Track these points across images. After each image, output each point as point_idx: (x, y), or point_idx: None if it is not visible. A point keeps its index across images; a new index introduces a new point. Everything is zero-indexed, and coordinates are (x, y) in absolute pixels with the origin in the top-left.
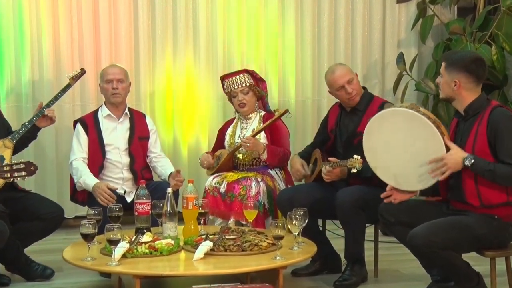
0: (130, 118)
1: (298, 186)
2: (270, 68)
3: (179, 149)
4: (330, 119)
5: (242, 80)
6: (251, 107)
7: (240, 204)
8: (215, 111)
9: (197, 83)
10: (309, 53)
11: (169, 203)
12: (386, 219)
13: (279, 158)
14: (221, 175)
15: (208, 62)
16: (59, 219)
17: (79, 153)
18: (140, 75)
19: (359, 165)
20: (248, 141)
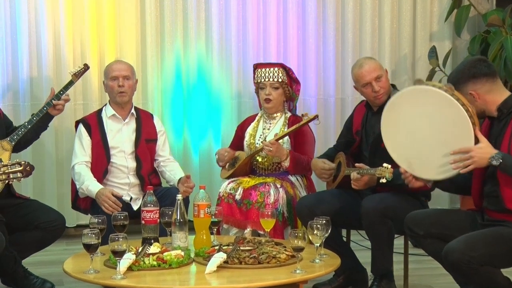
0: (136, 118)
1: (319, 193)
2: (289, 63)
3: (190, 152)
4: (355, 120)
5: (275, 74)
6: (276, 105)
7: (257, 212)
8: (229, 110)
9: (210, 80)
10: (331, 47)
11: (178, 211)
12: (415, 232)
13: (301, 167)
14: (236, 180)
15: (221, 57)
16: (60, 228)
17: (81, 157)
18: (147, 71)
19: (389, 175)
20: (271, 146)
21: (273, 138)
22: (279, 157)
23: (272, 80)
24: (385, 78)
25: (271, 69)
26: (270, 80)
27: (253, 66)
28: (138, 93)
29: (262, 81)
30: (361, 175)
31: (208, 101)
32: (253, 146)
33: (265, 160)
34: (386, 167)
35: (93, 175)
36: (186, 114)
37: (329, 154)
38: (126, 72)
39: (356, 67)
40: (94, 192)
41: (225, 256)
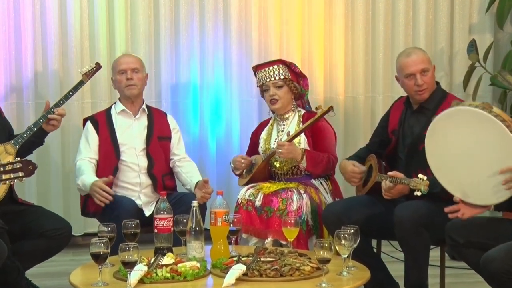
0: (148, 115)
1: (348, 200)
2: (314, 59)
3: (207, 154)
4: (392, 117)
5: (276, 72)
6: (284, 105)
7: (279, 220)
8: (249, 109)
9: (228, 77)
10: (361, 41)
11: (194, 218)
12: (455, 240)
13: (322, 166)
14: (256, 186)
15: (241, 52)
16: (66, 237)
17: (86, 153)
18: (160, 67)
19: (425, 188)
20: (282, 147)
21: (286, 139)
22: (295, 158)
23: (274, 79)
24: (431, 74)
25: (270, 68)
26: (272, 80)
27: (252, 69)
28: (151, 90)
29: (264, 82)
30: (393, 184)
31: (227, 99)
32: (269, 151)
33: (283, 165)
34: (422, 179)
35: (102, 174)
36: (202, 113)
37: (360, 155)
38: (135, 65)
39: (403, 55)
40: (89, 186)
41: (244, 268)
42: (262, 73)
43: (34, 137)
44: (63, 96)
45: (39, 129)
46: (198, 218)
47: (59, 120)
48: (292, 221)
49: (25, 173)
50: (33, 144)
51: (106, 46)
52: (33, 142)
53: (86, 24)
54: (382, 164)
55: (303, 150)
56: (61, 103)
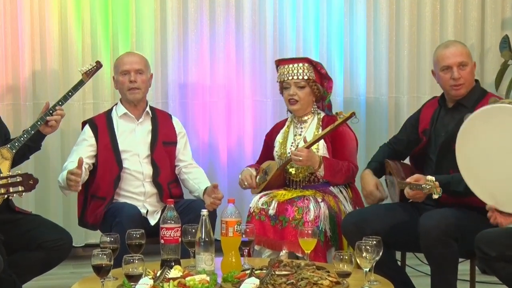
0: (152, 118)
1: (369, 208)
2: (333, 57)
3: (217, 159)
4: (424, 117)
5: (300, 70)
6: (304, 106)
7: (295, 231)
8: (263, 110)
9: (240, 76)
10: (384, 37)
11: (204, 228)
12: (486, 253)
13: (341, 175)
14: (270, 193)
15: (254, 49)
16: (66, 248)
17: (76, 157)
18: (167, 65)
19: (438, 190)
20: (300, 154)
21: (303, 145)
22: (312, 166)
23: (297, 78)
24: (470, 69)
25: (294, 65)
26: (295, 78)
27: (275, 62)
28: (157, 90)
29: (286, 79)
30: (412, 189)
31: (239, 100)
32: (285, 156)
33: (299, 172)
34: (431, 181)
35: (102, 184)
36: (212, 115)
37: (380, 159)
38: (139, 65)
39: (441, 47)
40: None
41: (258, 282)
42: (284, 69)
43: (30, 141)
44: (62, 97)
45: (36, 132)
46: (208, 228)
47: (58, 121)
48: (309, 232)
49: (25, 188)
50: (29, 149)
51: (108, 43)
52: (29, 146)
53: (87, 19)
54: (400, 168)
55: (321, 158)
56: (60, 104)
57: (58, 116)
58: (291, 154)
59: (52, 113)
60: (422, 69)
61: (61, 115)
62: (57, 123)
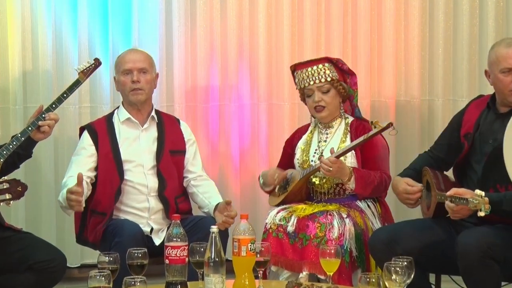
0: (158, 124)
1: (400, 224)
2: (359, 56)
3: (228, 169)
4: (467, 118)
5: (322, 72)
6: (332, 112)
7: (316, 250)
8: (279, 115)
9: (255, 76)
10: (416, 33)
11: (213, 247)
12: None
13: (373, 188)
14: (288, 208)
15: (269, 49)
16: (60, 270)
17: (76, 170)
18: (173, 64)
19: (486, 206)
20: (331, 165)
21: (333, 154)
22: (340, 178)
23: (319, 81)
24: None
25: (314, 67)
26: (317, 82)
27: (290, 68)
28: (162, 93)
29: (307, 85)
30: (456, 204)
31: (253, 103)
32: (307, 164)
33: (323, 182)
34: (480, 196)
35: (102, 197)
36: (223, 120)
37: (417, 167)
38: (142, 64)
39: (502, 45)
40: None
41: None
42: (303, 74)
43: (21, 149)
44: (56, 99)
45: (27, 139)
46: (218, 247)
47: (51, 126)
48: (332, 251)
49: (13, 196)
50: (19, 157)
51: (108, 40)
52: (19, 154)
53: (84, 13)
54: (440, 177)
55: (351, 169)
56: (54, 107)
57: (51, 121)
58: (321, 162)
59: (44, 117)
60: (458, 68)
61: (55, 120)
62: (50, 128)
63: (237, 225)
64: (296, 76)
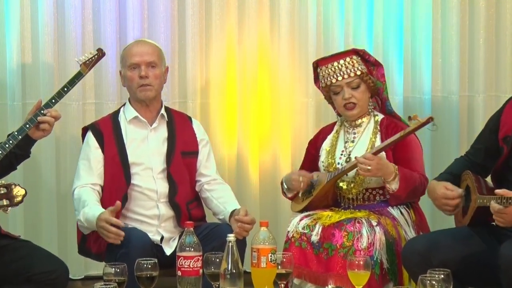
0: (168, 122)
1: (436, 234)
2: (390, 47)
3: (246, 173)
4: (506, 119)
5: (350, 66)
6: (363, 108)
7: (343, 261)
8: (304, 112)
9: (276, 71)
10: (454, 21)
11: (230, 257)
12: None
13: (413, 189)
14: (312, 215)
15: (293, 40)
16: (61, 282)
17: (87, 177)
18: (186, 59)
19: None
20: (369, 161)
21: (369, 151)
22: (383, 177)
23: (348, 76)
24: None
25: (341, 61)
26: (346, 78)
27: (313, 64)
28: (174, 88)
29: (334, 82)
30: (504, 206)
31: (274, 100)
32: (333, 168)
33: (351, 187)
34: None
35: (108, 204)
36: (241, 119)
37: (455, 171)
38: (151, 57)
39: None
40: (94, 221)
41: None
42: (329, 69)
43: (18, 148)
44: (56, 93)
45: (24, 137)
46: (236, 257)
47: (52, 123)
48: (360, 263)
49: (10, 202)
50: (16, 157)
51: (115, 30)
52: (16, 154)
53: (88, 3)
54: (482, 182)
55: (395, 168)
56: (53, 102)
57: (51, 119)
58: (357, 162)
59: (44, 113)
60: (502, 61)
61: (56, 117)
62: (50, 126)
63: (256, 233)
64: (320, 72)
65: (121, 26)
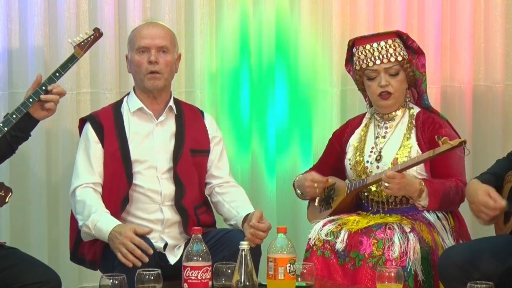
0: (177, 116)
1: (477, 242)
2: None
3: (261, 173)
4: None
5: (391, 50)
6: (398, 100)
7: (372, 272)
8: (329, 105)
9: (296, 57)
10: (499, 1)
11: (243, 268)
12: None
13: (447, 201)
14: (337, 220)
15: (315, 21)
16: None
17: (87, 176)
18: (194, 43)
19: None
20: (390, 180)
21: (393, 167)
22: (407, 195)
23: (388, 61)
24: None
25: (381, 43)
26: (385, 62)
27: (348, 43)
28: (180, 76)
29: (371, 65)
30: None
31: (292, 90)
32: (361, 167)
33: (381, 189)
34: None
35: (106, 206)
36: (255, 111)
37: (497, 171)
38: (163, 41)
39: None
40: (107, 232)
41: None
42: (367, 51)
43: (18, 130)
44: (46, 79)
45: (25, 117)
46: (249, 268)
47: (57, 101)
48: (392, 274)
49: None
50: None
51: (114, 10)
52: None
53: None
54: None
55: (422, 184)
56: (44, 89)
57: (55, 96)
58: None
59: (46, 90)
60: None
61: (61, 93)
62: (55, 104)
63: (273, 240)
64: (355, 53)
65: (120, 5)
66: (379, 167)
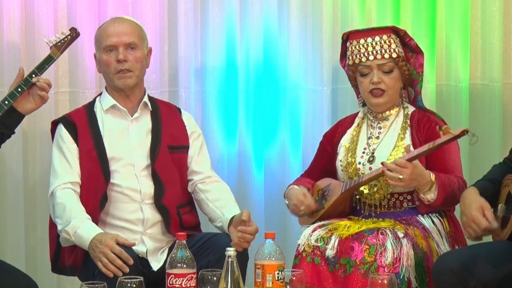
0: (152, 112)
1: (473, 248)
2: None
3: (249, 173)
4: None
5: (386, 45)
6: (392, 98)
7: (364, 279)
8: (317, 103)
9: (285, 55)
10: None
11: (230, 275)
12: None
13: (451, 197)
14: (327, 225)
15: (304, 17)
16: None
17: (65, 175)
18: (178, 38)
19: None
20: (402, 170)
21: (403, 157)
22: (418, 187)
23: (381, 57)
24: None
25: (376, 38)
26: (378, 58)
27: (343, 36)
28: (163, 74)
29: (364, 60)
30: None
31: (281, 89)
32: (353, 168)
33: (374, 191)
34: None
35: (85, 207)
36: (244, 110)
37: (494, 177)
38: (130, 37)
39: None
40: (87, 240)
41: None
42: (360, 46)
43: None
44: (22, 81)
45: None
46: (236, 275)
47: (48, 91)
48: (384, 281)
49: None
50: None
51: (94, 6)
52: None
53: None
54: None
55: (432, 176)
56: (19, 91)
57: (45, 85)
58: (386, 168)
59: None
60: None
61: (49, 85)
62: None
63: (261, 246)
64: (349, 47)
65: (100, 1)
66: (371, 169)
